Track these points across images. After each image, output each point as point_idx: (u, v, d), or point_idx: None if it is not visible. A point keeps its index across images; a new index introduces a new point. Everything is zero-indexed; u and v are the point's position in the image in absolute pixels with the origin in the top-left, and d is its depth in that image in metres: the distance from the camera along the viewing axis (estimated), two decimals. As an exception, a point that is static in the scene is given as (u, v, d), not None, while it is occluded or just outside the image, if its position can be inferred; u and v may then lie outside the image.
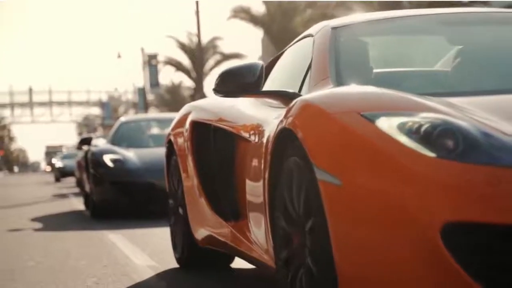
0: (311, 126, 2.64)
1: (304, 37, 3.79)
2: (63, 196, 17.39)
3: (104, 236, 7.09)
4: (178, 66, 45.63)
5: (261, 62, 3.46)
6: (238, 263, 4.54)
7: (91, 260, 5.37)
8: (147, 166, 9.33)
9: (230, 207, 3.87)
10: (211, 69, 44.15)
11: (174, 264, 4.88)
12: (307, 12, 33.92)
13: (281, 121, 2.85)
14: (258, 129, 3.43)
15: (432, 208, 2.21)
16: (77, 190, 18.83)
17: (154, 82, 46.95)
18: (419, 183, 2.24)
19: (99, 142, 10.80)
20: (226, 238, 3.88)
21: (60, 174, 31.29)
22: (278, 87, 3.61)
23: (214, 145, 4.14)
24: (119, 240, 6.61)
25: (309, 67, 3.41)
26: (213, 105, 4.35)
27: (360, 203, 2.34)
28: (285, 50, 4.20)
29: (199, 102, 4.71)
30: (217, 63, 44.37)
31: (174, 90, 53.42)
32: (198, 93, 38.67)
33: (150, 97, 51.42)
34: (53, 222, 9.39)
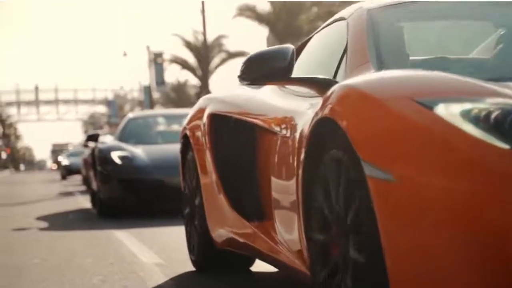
0: (356, 114, 2.28)
1: (335, 20, 3.43)
2: (69, 194, 17.36)
3: (110, 234, 7.04)
4: (184, 64, 45.64)
5: (291, 46, 3.08)
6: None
7: (98, 258, 5.32)
8: (156, 163, 9.00)
9: (253, 206, 3.55)
10: (216, 67, 44.15)
11: (183, 262, 4.82)
12: (313, 10, 33.83)
13: (318, 110, 2.50)
14: (287, 122, 3.11)
15: (508, 207, 1.90)
16: (83, 188, 18.80)
17: (160, 80, 46.96)
18: (490, 178, 1.93)
19: (107, 139, 10.50)
20: (247, 239, 3.56)
21: (67, 172, 31.29)
22: (306, 75, 3.21)
23: (235, 140, 3.80)
24: (126, 238, 6.57)
25: (344, 52, 3.06)
26: (233, 96, 4.03)
27: (416, 201, 2.02)
28: (312, 36, 3.86)
29: (218, 94, 4.36)
30: (223, 61, 44.38)
31: (180, 88, 53.44)
32: (203, 91, 38.63)
33: (156, 95, 51.43)
34: (59, 220, 9.35)
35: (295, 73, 3.37)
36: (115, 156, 9.20)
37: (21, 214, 10.68)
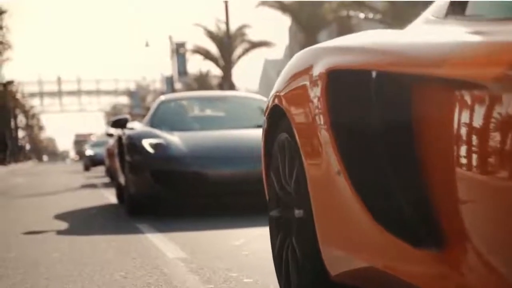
0: None
1: None
2: (93, 186, 17.18)
3: (133, 227, 6.81)
4: (206, 55, 45.52)
5: None
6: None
7: (119, 252, 5.08)
8: (194, 152, 7.67)
9: (409, 213, 2.05)
10: (239, 57, 43.98)
11: (209, 257, 4.57)
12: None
13: None
14: None
15: None
16: (106, 180, 18.63)
17: (182, 71, 46.92)
18: None
19: (136, 125, 9.05)
20: (393, 267, 2.11)
21: (91, 162, 30.96)
22: None
23: (381, 109, 2.19)
24: (149, 231, 6.32)
25: None
26: (369, 41, 2.42)
27: None
28: None
29: (334, 42, 2.68)
30: (245, 51, 44.19)
31: (202, 79, 53.35)
32: (226, 81, 38.43)
33: (178, 86, 51.39)
34: (81, 213, 9.13)
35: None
36: (147, 144, 7.85)
37: (42, 206, 10.50)
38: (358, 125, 2.30)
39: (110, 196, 11.68)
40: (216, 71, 48.47)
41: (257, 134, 7.98)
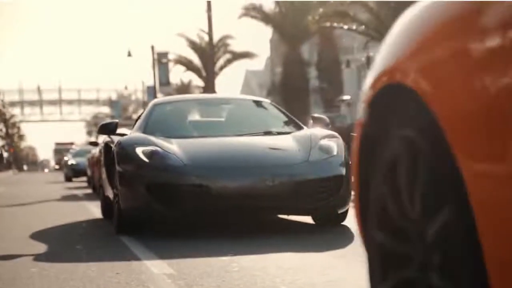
0: None
1: None
2: (75, 197, 16.90)
3: (116, 241, 6.59)
4: (188, 65, 45.38)
5: None
6: None
7: (102, 267, 4.86)
8: (195, 162, 6.68)
9: None
10: (221, 68, 43.80)
11: (197, 272, 4.36)
12: (319, 10, 33.36)
13: None
14: None
15: None
16: (89, 190, 18.31)
17: (164, 81, 46.67)
18: None
19: (126, 131, 8.10)
20: None
21: (73, 172, 29.96)
22: None
23: None
24: (133, 245, 6.10)
25: None
26: None
27: None
28: None
29: None
30: (228, 62, 44.04)
31: (184, 89, 53.16)
32: (208, 92, 38.24)
33: (159, 96, 51.19)
34: (60, 225, 8.88)
35: None
36: (140, 152, 6.83)
37: (21, 217, 10.24)
38: None
39: (93, 209, 11.37)
40: (198, 82, 48.35)
41: (265, 141, 7.17)
